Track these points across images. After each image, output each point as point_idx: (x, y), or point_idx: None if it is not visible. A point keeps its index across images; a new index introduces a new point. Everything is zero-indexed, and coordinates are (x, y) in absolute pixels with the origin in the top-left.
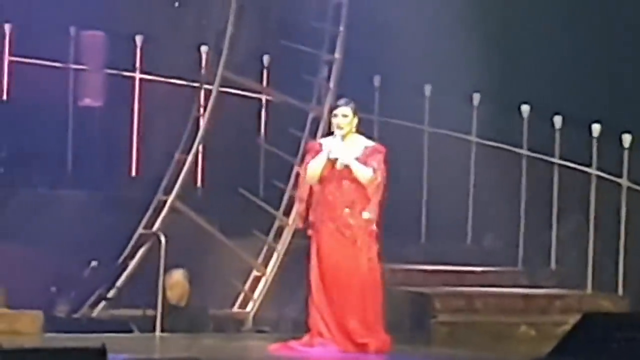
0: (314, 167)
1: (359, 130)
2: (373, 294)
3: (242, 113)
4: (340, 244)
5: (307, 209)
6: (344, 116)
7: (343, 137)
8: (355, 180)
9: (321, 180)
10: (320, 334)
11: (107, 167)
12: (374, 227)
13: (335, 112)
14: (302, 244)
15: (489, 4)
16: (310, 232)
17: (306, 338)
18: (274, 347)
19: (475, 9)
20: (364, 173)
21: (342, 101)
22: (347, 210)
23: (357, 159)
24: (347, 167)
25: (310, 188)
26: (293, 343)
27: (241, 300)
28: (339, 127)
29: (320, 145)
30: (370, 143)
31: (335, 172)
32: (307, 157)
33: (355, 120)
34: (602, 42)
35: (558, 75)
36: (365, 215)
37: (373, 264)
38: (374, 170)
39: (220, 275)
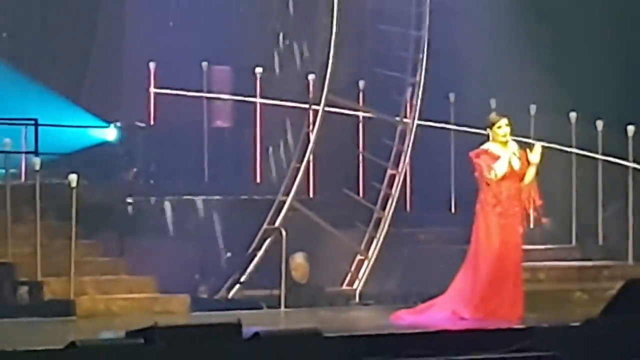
0: (504, 167)
1: None
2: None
3: (343, 128)
4: (512, 228)
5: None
6: (507, 125)
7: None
8: (521, 179)
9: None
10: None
11: (236, 176)
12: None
13: (500, 123)
14: (395, 231)
15: (541, 33)
16: (480, 216)
17: (421, 307)
18: (394, 316)
19: (529, 37)
20: (533, 173)
21: (494, 115)
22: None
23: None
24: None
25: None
26: (403, 312)
27: (348, 279)
28: (506, 135)
29: (489, 149)
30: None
31: (510, 172)
32: (484, 158)
33: None
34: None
35: (599, 87)
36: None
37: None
38: None
39: (330, 260)
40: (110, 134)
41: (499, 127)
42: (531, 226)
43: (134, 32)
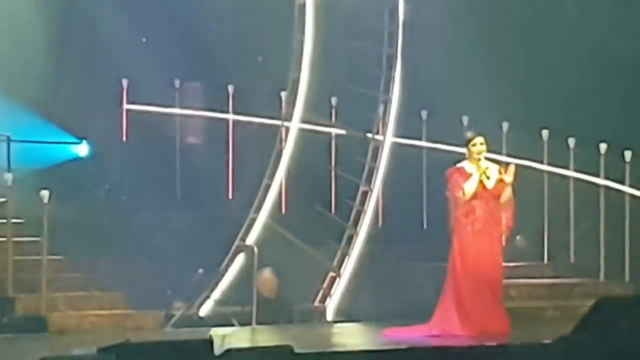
0: (472, 186)
1: None
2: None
3: (316, 144)
4: (487, 246)
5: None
6: (482, 144)
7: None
8: (496, 198)
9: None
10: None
11: (208, 192)
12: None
13: (474, 141)
14: (368, 248)
15: (513, 51)
16: (455, 235)
17: (420, 327)
18: (385, 332)
19: (501, 55)
20: (509, 192)
21: (470, 133)
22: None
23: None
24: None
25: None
26: (395, 329)
27: (320, 296)
28: (480, 153)
29: (462, 168)
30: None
31: (482, 191)
32: (455, 177)
33: None
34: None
35: (571, 106)
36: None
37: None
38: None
39: (302, 277)
40: (82, 150)
41: (474, 145)
42: (503, 244)
43: (107, 49)
